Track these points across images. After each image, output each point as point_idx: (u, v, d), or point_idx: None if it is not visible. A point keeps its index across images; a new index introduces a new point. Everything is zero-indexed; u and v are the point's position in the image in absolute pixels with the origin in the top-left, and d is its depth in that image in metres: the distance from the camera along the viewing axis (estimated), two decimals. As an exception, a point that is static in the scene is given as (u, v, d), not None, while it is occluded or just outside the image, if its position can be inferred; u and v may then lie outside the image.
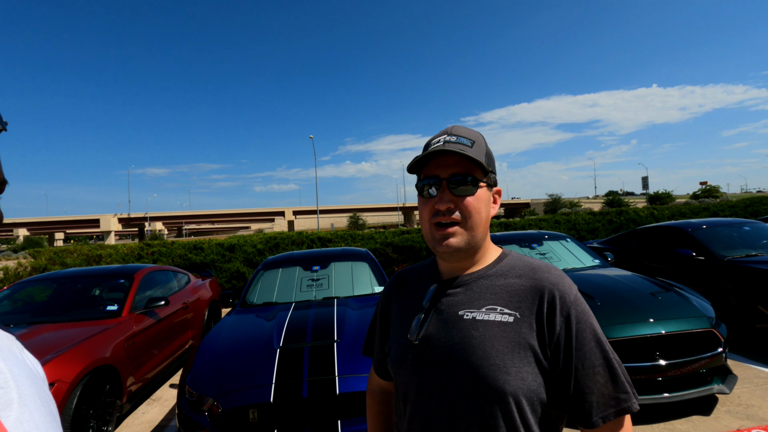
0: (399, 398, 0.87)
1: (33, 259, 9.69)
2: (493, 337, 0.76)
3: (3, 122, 0.56)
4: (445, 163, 0.81)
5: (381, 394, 1.07)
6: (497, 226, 10.96)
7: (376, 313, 1.04)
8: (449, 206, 0.79)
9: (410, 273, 0.99)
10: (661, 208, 12.04)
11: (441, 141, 0.81)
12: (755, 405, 3.12)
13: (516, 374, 0.73)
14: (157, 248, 9.83)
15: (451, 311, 0.82)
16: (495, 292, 0.81)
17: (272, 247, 9.95)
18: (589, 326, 0.77)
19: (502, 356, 0.74)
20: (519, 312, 0.78)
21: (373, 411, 1.08)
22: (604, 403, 0.74)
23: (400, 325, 0.90)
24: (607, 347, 0.77)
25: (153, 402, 4.06)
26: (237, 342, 2.99)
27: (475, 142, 0.82)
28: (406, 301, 0.92)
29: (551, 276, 0.80)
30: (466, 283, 0.84)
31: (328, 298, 3.87)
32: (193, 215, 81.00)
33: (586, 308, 0.79)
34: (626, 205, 25.68)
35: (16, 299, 4.38)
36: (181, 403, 2.58)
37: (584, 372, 0.74)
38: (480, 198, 0.81)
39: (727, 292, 4.49)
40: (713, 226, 5.48)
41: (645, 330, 2.99)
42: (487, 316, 0.78)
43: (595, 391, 0.74)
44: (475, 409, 0.74)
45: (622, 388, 0.74)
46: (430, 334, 0.82)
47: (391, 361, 0.89)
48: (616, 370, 0.75)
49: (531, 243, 5.08)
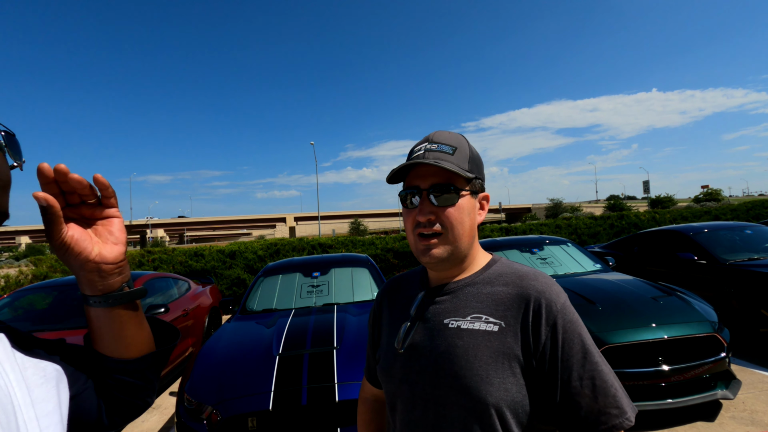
0: (388, 408, 0.86)
1: (34, 266, 9.70)
2: (477, 347, 0.74)
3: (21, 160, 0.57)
4: (424, 173, 0.79)
5: (373, 402, 1.05)
6: (498, 231, 10.95)
7: (369, 320, 1.03)
8: (429, 218, 0.77)
9: (402, 279, 0.97)
10: (663, 212, 12.02)
11: (422, 149, 0.80)
12: (760, 410, 3.08)
13: (499, 385, 0.71)
14: (157, 255, 9.84)
15: (436, 319, 0.80)
16: (481, 300, 0.79)
17: (273, 254, 9.95)
18: (577, 335, 0.73)
19: (486, 366, 0.72)
20: (504, 321, 0.75)
21: (364, 420, 1.05)
22: (592, 419, 0.69)
23: (389, 332, 0.89)
24: (597, 358, 0.73)
25: (152, 410, 4.04)
26: (236, 349, 2.97)
27: (458, 149, 0.80)
28: (396, 308, 0.91)
29: (538, 284, 0.78)
30: (452, 290, 0.82)
31: (328, 305, 3.85)
32: (194, 222, 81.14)
33: (575, 317, 0.76)
34: (627, 209, 25.63)
35: (16, 307, 4.38)
36: (179, 411, 2.57)
37: (570, 384, 0.71)
38: (462, 207, 0.78)
39: (730, 296, 4.46)
40: (715, 229, 5.46)
41: (647, 335, 2.97)
42: (472, 325, 0.76)
43: (582, 406, 0.70)
44: (459, 420, 0.73)
45: (612, 402, 0.69)
46: (416, 342, 0.80)
47: (380, 369, 0.87)
48: (607, 383, 0.71)
49: (532, 248, 5.07)
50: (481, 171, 0.84)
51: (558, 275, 4.45)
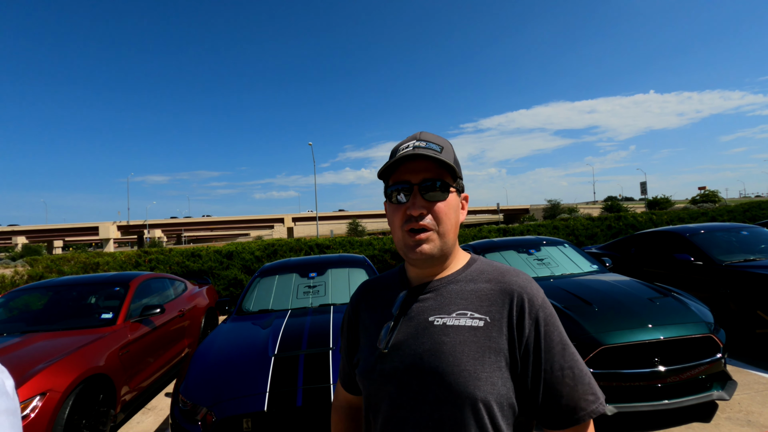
0: (369, 411, 0.84)
1: (30, 267, 9.65)
2: (464, 343, 0.75)
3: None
4: (415, 169, 0.80)
5: (348, 409, 1.02)
6: (496, 231, 10.95)
7: (343, 325, 1.00)
8: (422, 212, 0.78)
9: (377, 282, 0.96)
10: (660, 213, 12.05)
11: (410, 146, 0.80)
12: (756, 411, 3.08)
13: (486, 379, 0.72)
14: (154, 256, 9.80)
15: (421, 317, 0.80)
16: (465, 297, 0.80)
17: (270, 254, 9.92)
18: (557, 329, 0.77)
19: (473, 362, 0.73)
20: (489, 316, 0.77)
21: (339, 428, 1.02)
22: (572, 406, 0.73)
23: (369, 335, 0.87)
24: (573, 350, 0.77)
25: (148, 411, 4.01)
26: (232, 350, 2.96)
27: (444, 148, 0.81)
28: (375, 309, 0.90)
29: (519, 279, 0.80)
30: (435, 288, 0.83)
31: (324, 305, 3.84)
32: (192, 222, 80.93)
33: (553, 311, 0.79)
34: (625, 211, 25.70)
35: (11, 307, 4.35)
36: (174, 412, 2.55)
37: (553, 375, 0.74)
38: (450, 203, 0.80)
39: (726, 297, 4.46)
40: (711, 231, 5.47)
41: (643, 336, 2.97)
42: (458, 322, 0.77)
43: (563, 394, 0.74)
44: (447, 417, 0.73)
45: (588, 389, 0.74)
46: (400, 341, 0.80)
47: (360, 372, 0.85)
48: (583, 371, 0.75)
49: (529, 249, 5.07)
50: (461, 173, 0.87)
51: (555, 276, 4.45)
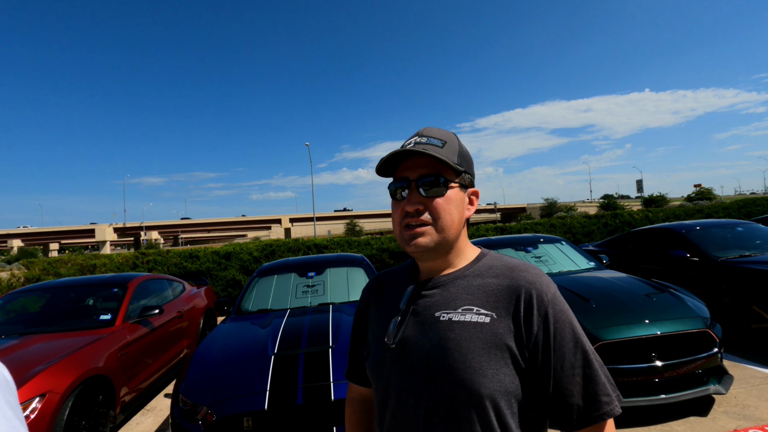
0: (378, 405, 0.84)
1: (26, 269, 9.61)
2: (470, 339, 0.74)
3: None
4: (413, 165, 0.80)
5: (360, 402, 1.03)
6: (493, 230, 10.98)
7: (355, 318, 1.00)
8: (418, 207, 0.78)
9: (388, 275, 0.97)
10: (656, 211, 12.11)
11: (411, 143, 0.81)
12: (752, 405, 3.11)
13: (492, 376, 0.71)
14: (152, 257, 9.77)
15: (427, 313, 0.80)
16: (471, 293, 0.79)
17: (268, 255, 9.91)
18: (569, 326, 0.75)
19: (479, 358, 0.72)
20: (496, 312, 0.76)
21: (352, 421, 1.02)
22: (584, 406, 0.71)
23: (378, 328, 0.88)
24: (588, 347, 0.75)
25: (147, 412, 4.01)
26: (231, 350, 2.96)
27: (447, 143, 0.81)
28: (384, 303, 0.90)
29: (528, 275, 0.78)
30: (442, 283, 0.82)
31: (323, 304, 3.85)
32: (189, 224, 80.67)
33: (565, 307, 0.77)
34: (621, 208, 25.81)
35: (8, 310, 4.33)
36: (174, 412, 2.55)
37: (563, 373, 0.72)
38: (450, 199, 0.79)
39: (722, 293, 4.50)
40: (707, 227, 5.51)
41: (640, 331, 2.99)
42: (464, 317, 0.76)
43: (574, 394, 0.72)
44: (453, 413, 0.72)
45: (603, 390, 0.72)
46: (408, 336, 0.80)
47: (370, 366, 0.86)
48: (597, 371, 0.73)
49: (526, 246, 5.09)
50: (471, 167, 0.85)
51: (552, 273, 4.47)
